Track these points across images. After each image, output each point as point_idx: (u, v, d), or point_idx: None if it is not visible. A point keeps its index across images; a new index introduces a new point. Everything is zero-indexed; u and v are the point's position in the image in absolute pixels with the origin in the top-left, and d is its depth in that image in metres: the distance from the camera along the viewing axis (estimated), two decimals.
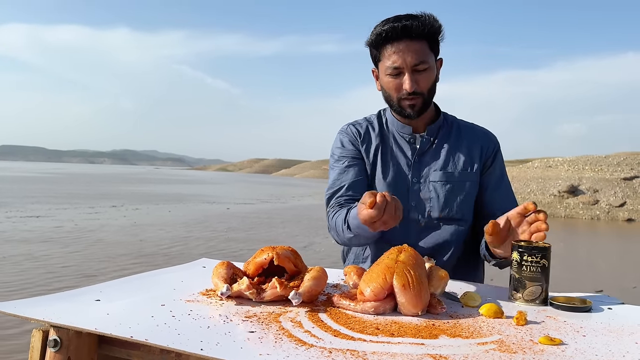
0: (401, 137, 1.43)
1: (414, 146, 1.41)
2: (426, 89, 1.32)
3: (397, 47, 1.28)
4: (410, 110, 1.33)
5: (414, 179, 1.40)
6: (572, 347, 0.76)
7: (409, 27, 1.26)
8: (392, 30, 1.27)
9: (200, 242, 8.20)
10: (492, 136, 1.48)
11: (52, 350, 0.79)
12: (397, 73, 1.30)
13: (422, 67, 1.29)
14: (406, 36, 1.27)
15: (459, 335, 0.81)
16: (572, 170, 19.61)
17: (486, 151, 1.43)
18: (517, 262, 1.03)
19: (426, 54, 1.30)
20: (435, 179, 1.39)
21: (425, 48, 1.29)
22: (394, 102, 1.35)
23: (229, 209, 14.50)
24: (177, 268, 1.25)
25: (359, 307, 0.92)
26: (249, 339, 0.75)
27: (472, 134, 1.45)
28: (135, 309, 0.88)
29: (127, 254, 6.86)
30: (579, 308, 0.98)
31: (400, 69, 1.29)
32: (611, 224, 15.53)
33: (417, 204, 1.39)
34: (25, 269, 5.68)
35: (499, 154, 1.46)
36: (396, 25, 1.27)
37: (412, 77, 1.29)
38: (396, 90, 1.32)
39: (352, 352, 0.71)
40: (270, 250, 1.04)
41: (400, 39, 1.28)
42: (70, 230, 8.91)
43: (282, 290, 0.94)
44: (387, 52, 1.30)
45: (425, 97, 1.33)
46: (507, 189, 1.44)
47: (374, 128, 1.46)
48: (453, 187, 1.38)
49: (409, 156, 1.41)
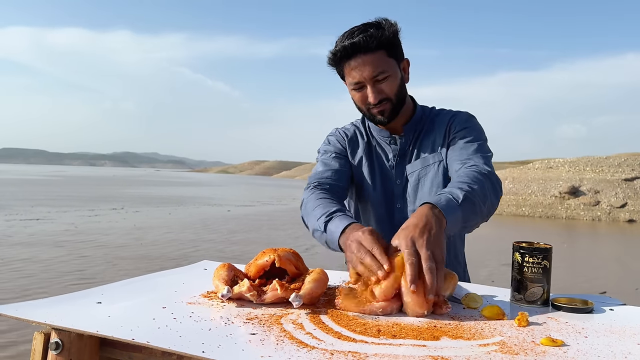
0: (382, 140, 1.44)
1: (395, 147, 1.42)
2: (392, 94, 1.32)
3: (354, 64, 1.29)
4: (380, 116, 1.34)
5: (397, 180, 1.41)
6: (574, 349, 0.76)
7: (357, 44, 1.26)
8: (343, 49, 1.28)
9: (201, 244, 8.20)
10: (461, 112, 1.42)
11: (54, 353, 0.79)
12: (359, 87, 1.32)
13: (382, 76, 1.29)
14: (359, 51, 1.27)
15: (461, 336, 0.81)
16: (573, 171, 19.61)
17: (450, 125, 1.39)
18: (518, 263, 1.03)
19: (384, 62, 1.29)
20: (407, 173, 1.40)
21: (382, 57, 1.28)
22: (365, 111, 1.37)
23: (229, 211, 14.50)
24: (178, 270, 1.25)
25: (367, 308, 0.92)
26: (250, 341, 0.75)
27: (441, 118, 1.42)
28: (137, 311, 0.88)
29: (128, 256, 6.86)
30: (580, 309, 0.98)
31: (362, 83, 1.31)
32: (612, 225, 15.51)
33: (402, 204, 1.40)
34: (26, 272, 5.68)
35: (464, 121, 1.38)
36: (346, 45, 1.27)
37: (374, 88, 1.30)
38: (363, 103, 1.34)
39: (354, 354, 0.71)
40: (271, 252, 1.04)
41: (354, 55, 1.28)
42: (71, 233, 8.91)
43: (283, 292, 0.93)
44: (347, 69, 1.32)
45: (394, 101, 1.33)
46: (465, 144, 1.32)
47: (360, 133, 1.48)
48: (426, 174, 1.38)
49: (391, 158, 1.42)
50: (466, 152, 1.30)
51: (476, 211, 1.11)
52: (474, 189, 1.11)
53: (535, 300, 1.01)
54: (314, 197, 1.30)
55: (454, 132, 1.37)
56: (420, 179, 1.38)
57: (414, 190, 1.39)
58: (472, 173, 1.17)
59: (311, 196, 1.31)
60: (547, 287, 1.02)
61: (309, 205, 1.29)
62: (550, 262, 1.01)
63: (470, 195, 1.08)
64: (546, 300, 1.02)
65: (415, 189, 1.39)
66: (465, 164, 1.25)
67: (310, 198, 1.31)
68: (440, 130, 1.40)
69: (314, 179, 1.39)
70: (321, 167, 1.42)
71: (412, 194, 1.39)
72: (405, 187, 1.40)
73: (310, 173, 1.46)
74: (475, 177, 1.15)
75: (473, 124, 1.38)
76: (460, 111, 1.43)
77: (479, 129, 1.37)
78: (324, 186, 1.35)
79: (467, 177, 1.15)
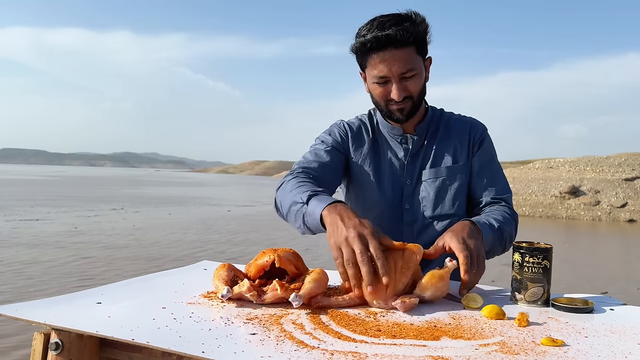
0: (392, 138, 1.41)
1: (406, 147, 1.39)
2: (416, 92, 1.29)
3: (382, 57, 1.23)
4: (399, 114, 1.31)
5: (407, 180, 1.38)
6: (574, 349, 0.76)
7: (392, 37, 1.21)
8: (376, 40, 1.22)
9: (201, 245, 8.20)
10: (478, 123, 1.44)
11: (54, 353, 0.79)
12: (384, 82, 1.27)
13: (410, 74, 1.25)
14: (391, 45, 1.22)
15: (461, 336, 0.81)
16: (573, 171, 19.61)
17: (472, 139, 1.40)
18: (518, 263, 1.02)
19: (413, 59, 1.25)
20: (425, 177, 1.37)
21: (412, 54, 1.25)
22: (382, 107, 1.33)
23: (230, 212, 14.50)
24: (178, 270, 1.25)
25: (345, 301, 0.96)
26: (250, 341, 0.75)
27: (459, 126, 1.42)
28: (137, 311, 0.88)
29: (128, 257, 6.87)
30: (581, 309, 0.98)
31: (387, 78, 1.26)
32: (613, 224, 15.51)
33: (411, 205, 1.38)
34: (26, 273, 5.68)
35: (485, 140, 1.42)
36: (380, 36, 1.21)
37: (400, 85, 1.26)
38: (384, 97, 1.30)
39: (354, 354, 0.71)
40: (271, 252, 1.03)
41: (385, 47, 1.23)
42: (70, 233, 8.91)
43: (283, 292, 0.93)
44: (373, 61, 1.26)
45: (415, 100, 1.31)
46: (493, 174, 1.39)
47: (366, 129, 1.43)
48: (443, 183, 1.36)
49: (401, 157, 1.39)
50: (497, 186, 1.38)
51: (501, 242, 1.25)
52: (505, 228, 1.25)
53: (536, 300, 1.01)
54: (296, 180, 1.25)
55: (481, 154, 1.40)
56: (444, 186, 1.36)
57: (436, 196, 1.35)
58: (504, 214, 1.30)
59: (294, 179, 1.26)
60: (547, 287, 1.02)
61: (288, 185, 1.24)
62: (550, 262, 1.01)
63: (501, 228, 1.23)
64: (546, 301, 1.02)
65: (437, 194, 1.35)
66: (498, 202, 1.36)
67: (292, 181, 1.25)
68: (460, 139, 1.39)
69: (300, 165, 1.33)
70: (310, 157, 1.36)
71: (431, 198, 1.36)
72: (416, 188, 1.37)
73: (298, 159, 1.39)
74: (506, 218, 1.28)
75: (493, 147, 1.44)
76: (478, 122, 1.44)
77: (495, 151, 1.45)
78: (311, 174, 1.30)
79: (500, 216, 1.28)
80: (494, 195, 1.36)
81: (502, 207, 1.33)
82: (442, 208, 1.35)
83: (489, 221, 1.22)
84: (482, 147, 1.40)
